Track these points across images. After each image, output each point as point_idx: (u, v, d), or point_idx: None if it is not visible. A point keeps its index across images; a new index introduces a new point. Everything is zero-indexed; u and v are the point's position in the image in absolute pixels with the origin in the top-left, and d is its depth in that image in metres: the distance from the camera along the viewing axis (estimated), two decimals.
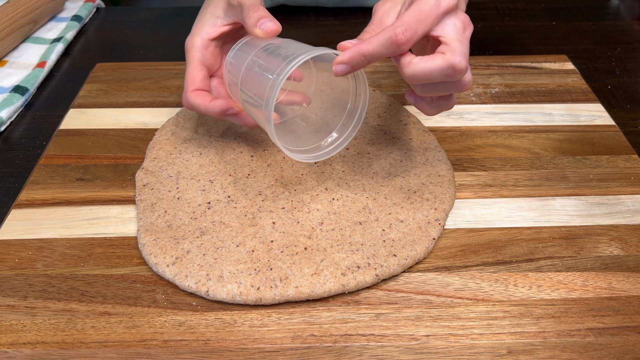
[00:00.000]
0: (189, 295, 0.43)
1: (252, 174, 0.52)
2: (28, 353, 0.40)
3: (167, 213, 0.49)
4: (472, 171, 0.54)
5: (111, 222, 0.49)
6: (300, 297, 0.42)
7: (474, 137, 0.59)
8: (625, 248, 0.47)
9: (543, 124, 0.60)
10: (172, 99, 0.64)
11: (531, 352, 0.40)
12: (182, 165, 0.54)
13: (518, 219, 0.49)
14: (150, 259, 0.45)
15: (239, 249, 0.45)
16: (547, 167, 0.55)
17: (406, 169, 0.53)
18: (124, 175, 0.54)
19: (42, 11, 0.79)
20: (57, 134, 0.59)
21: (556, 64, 0.70)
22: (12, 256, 0.46)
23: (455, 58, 0.41)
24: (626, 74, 0.71)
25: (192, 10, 0.87)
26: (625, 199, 0.51)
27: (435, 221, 0.48)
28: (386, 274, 0.44)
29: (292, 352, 0.40)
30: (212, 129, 0.58)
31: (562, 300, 0.43)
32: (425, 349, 0.40)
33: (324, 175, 0.52)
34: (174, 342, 0.40)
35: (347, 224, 0.47)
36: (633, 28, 0.82)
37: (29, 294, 0.43)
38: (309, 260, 0.44)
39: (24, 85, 0.67)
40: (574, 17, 0.85)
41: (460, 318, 0.42)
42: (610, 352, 0.41)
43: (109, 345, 0.40)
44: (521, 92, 0.65)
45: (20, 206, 0.51)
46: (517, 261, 0.46)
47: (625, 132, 0.60)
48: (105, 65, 0.70)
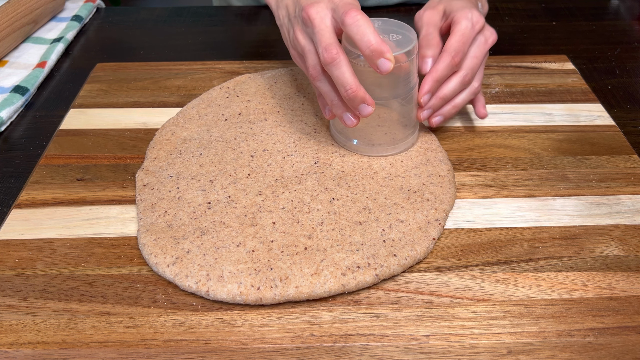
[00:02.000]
0: (189, 295, 0.43)
1: (252, 174, 0.52)
2: (28, 353, 0.40)
3: (168, 213, 0.49)
4: (472, 171, 0.54)
5: (111, 222, 0.49)
6: (301, 297, 0.42)
7: (474, 137, 0.59)
8: (625, 248, 0.47)
9: (543, 124, 0.60)
10: (172, 99, 0.64)
11: (531, 352, 0.40)
12: (183, 165, 0.54)
13: (518, 219, 0.49)
14: (150, 259, 0.45)
15: (239, 249, 0.45)
16: (547, 167, 0.55)
17: (406, 169, 0.53)
18: (124, 175, 0.54)
19: (43, 11, 0.79)
20: (57, 134, 0.59)
21: (556, 64, 0.70)
22: (13, 256, 0.46)
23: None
24: (626, 74, 0.71)
25: (192, 10, 0.87)
26: (625, 199, 0.51)
27: (435, 221, 0.48)
28: (386, 274, 0.44)
29: (292, 352, 0.40)
30: (212, 129, 0.58)
31: (562, 300, 0.43)
32: (425, 349, 0.40)
33: (324, 175, 0.52)
34: (174, 342, 0.40)
35: (347, 224, 0.47)
36: (633, 28, 0.82)
37: (30, 294, 0.43)
38: (309, 260, 0.44)
39: (24, 85, 0.67)
40: (574, 17, 0.85)
41: (460, 318, 0.42)
42: (610, 352, 0.41)
43: (109, 345, 0.40)
44: (521, 92, 0.65)
45: (20, 206, 0.51)
46: (517, 261, 0.46)
47: (625, 132, 0.60)
48: (105, 65, 0.70)
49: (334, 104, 0.52)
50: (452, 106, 0.56)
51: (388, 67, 0.47)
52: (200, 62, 0.71)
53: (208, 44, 0.78)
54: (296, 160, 0.54)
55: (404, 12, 0.86)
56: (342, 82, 0.48)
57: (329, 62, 0.48)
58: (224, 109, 0.61)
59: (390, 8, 0.87)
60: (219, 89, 0.64)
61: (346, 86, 0.48)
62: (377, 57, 0.47)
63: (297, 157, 0.54)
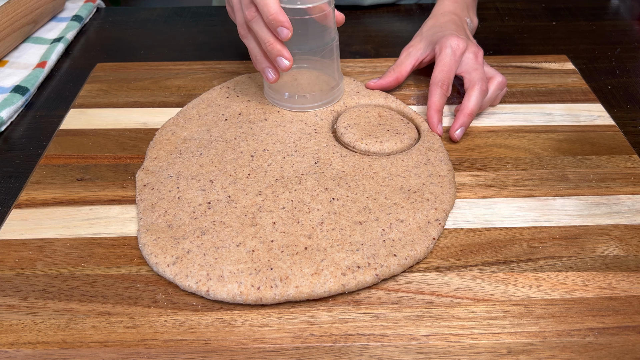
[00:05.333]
0: (190, 295, 0.43)
1: (252, 174, 0.52)
2: (28, 353, 0.40)
3: (168, 213, 0.49)
4: (472, 171, 0.54)
5: (111, 222, 0.49)
6: (301, 296, 0.43)
7: (474, 137, 0.59)
8: (625, 248, 0.47)
9: (543, 124, 0.60)
10: (172, 99, 0.64)
11: (531, 352, 0.40)
12: (183, 165, 0.54)
13: (518, 219, 0.49)
14: (150, 258, 0.45)
15: (239, 249, 0.45)
16: (547, 167, 0.55)
17: (407, 168, 0.53)
18: (125, 175, 0.54)
19: (43, 11, 0.79)
20: (57, 134, 0.59)
21: (556, 64, 0.70)
22: (13, 256, 0.46)
23: (477, 84, 0.58)
24: (626, 74, 0.71)
25: (192, 10, 0.87)
26: (625, 199, 0.51)
27: (436, 221, 0.48)
28: (386, 273, 0.44)
29: (292, 351, 0.40)
30: (212, 129, 0.58)
31: (562, 300, 0.43)
32: (426, 349, 0.40)
33: (324, 175, 0.52)
34: (175, 342, 0.40)
35: (347, 224, 0.47)
36: (633, 28, 0.82)
37: (30, 293, 0.43)
38: (309, 260, 0.44)
39: (25, 85, 0.67)
40: (574, 17, 0.85)
41: (460, 318, 0.42)
42: (610, 352, 0.41)
43: (110, 345, 0.40)
44: (521, 92, 0.65)
45: (20, 206, 0.51)
46: (517, 261, 0.46)
47: (625, 132, 0.60)
48: (105, 65, 0.70)
49: (257, 59, 0.57)
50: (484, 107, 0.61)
51: (285, 34, 0.52)
52: (200, 62, 0.71)
53: (208, 44, 0.78)
54: (296, 160, 0.54)
55: (404, 13, 0.86)
56: (261, 37, 0.54)
57: (249, 19, 0.53)
58: (224, 108, 0.61)
59: (389, 7, 0.87)
60: (219, 88, 0.64)
61: (264, 40, 0.54)
62: (276, 26, 0.52)
63: (297, 157, 0.54)
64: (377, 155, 0.55)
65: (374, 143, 0.55)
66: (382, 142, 0.55)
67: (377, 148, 0.55)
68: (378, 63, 0.70)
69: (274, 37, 0.53)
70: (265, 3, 0.51)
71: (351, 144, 0.56)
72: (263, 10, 0.52)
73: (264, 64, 0.57)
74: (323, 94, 0.60)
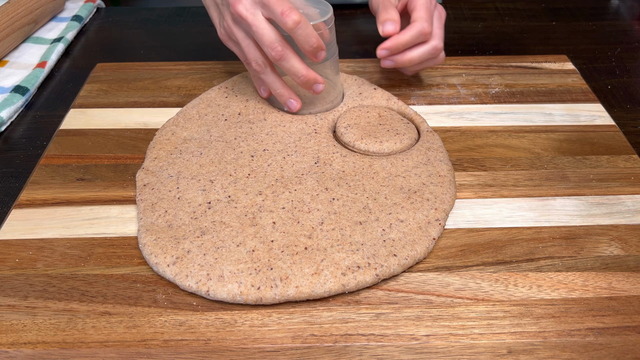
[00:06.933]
0: (190, 295, 0.43)
1: (252, 174, 0.52)
2: (28, 353, 0.40)
3: (168, 213, 0.49)
4: (472, 171, 0.54)
5: (112, 222, 0.49)
6: (301, 296, 0.43)
7: (474, 137, 0.59)
8: (625, 248, 0.47)
9: (543, 124, 0.60)
10: (172, 99, 0.64)
11: (531, 352, 0.40)
12: (183, 165, 0.54)
13: (518, 219, 0.49)
14: (150, 258, 0.45)
15: (240, 249, 0.45)
16: (547, 167, 0.55)
17: (407, 168, 0.53)
18: (125, 175, 0.54)
19: (43, 11, 0.79)
20: (57, 134, 0.59)
21: (556, 64, 0.70)
22: (13, 256, 0.46)
23: (423, 25, 0.56)
24: (626, 74, 0.71)
25: (192, 10, 0.87)
26: (625, 199, 0.51)
27: (436, 221, 0.48)
28: (386, 273, 0.44)
29: (292, 351, 0.40)
30: (212, 129, 0.58)
31: (562, 300, 0.43)
32: (426, 349, 0.40)
33: (324, 175, 0.52)
34: (175, 342, 0.40)
35: (347, 224, 0.47)
36: (633, 28, 0.82)
37: (30, 293, 0.43)
38: (309, 260, 0.44)
39: (25, 85, 0.67)
40: (574, 17, 0.85)
41: (460, 318, 0.42)
42: (610, 352, 0.41)
43: (110, 345, 0.40)
44: (521, 92, 0.65)
45: (20, 206, 0.51)
46: (517, 261, 0.46)
47: (625, 132, 0.60)
48: (105, 65, 0.70)
49: (278, 92, 0.58)
50: (409, 61, 0.59)
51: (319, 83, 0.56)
52: (200, 62, 0.71)
53: (208, 44, 0.78)
54: (296, 160, 0.54)
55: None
56: (294, 72, 0.54)
57: (277, 59, 0.53)
58: (223, 108, 0.61)
59: None
60: (217, 88, 0.64)
61: (298, 74, 0.54)
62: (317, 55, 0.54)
63: (297, 157, 0.54)
64: (377, 155, 0.55)
65: (374, 143, 0.55)
66: (382, 142, 0.55)
67: (377, 148, 0.55)
68: (378, 63, 0.70)
69: (306, 68, 0.54)
70: (292, 62, 0.54)
71: (351, 143, 0.56)
72: (291, 69, 0.54)
73: (284, 97, 0.58)
74: (322, 107, 0.61)
